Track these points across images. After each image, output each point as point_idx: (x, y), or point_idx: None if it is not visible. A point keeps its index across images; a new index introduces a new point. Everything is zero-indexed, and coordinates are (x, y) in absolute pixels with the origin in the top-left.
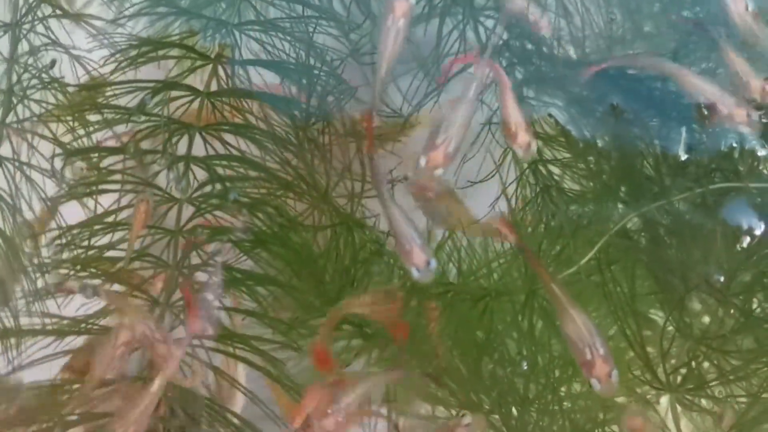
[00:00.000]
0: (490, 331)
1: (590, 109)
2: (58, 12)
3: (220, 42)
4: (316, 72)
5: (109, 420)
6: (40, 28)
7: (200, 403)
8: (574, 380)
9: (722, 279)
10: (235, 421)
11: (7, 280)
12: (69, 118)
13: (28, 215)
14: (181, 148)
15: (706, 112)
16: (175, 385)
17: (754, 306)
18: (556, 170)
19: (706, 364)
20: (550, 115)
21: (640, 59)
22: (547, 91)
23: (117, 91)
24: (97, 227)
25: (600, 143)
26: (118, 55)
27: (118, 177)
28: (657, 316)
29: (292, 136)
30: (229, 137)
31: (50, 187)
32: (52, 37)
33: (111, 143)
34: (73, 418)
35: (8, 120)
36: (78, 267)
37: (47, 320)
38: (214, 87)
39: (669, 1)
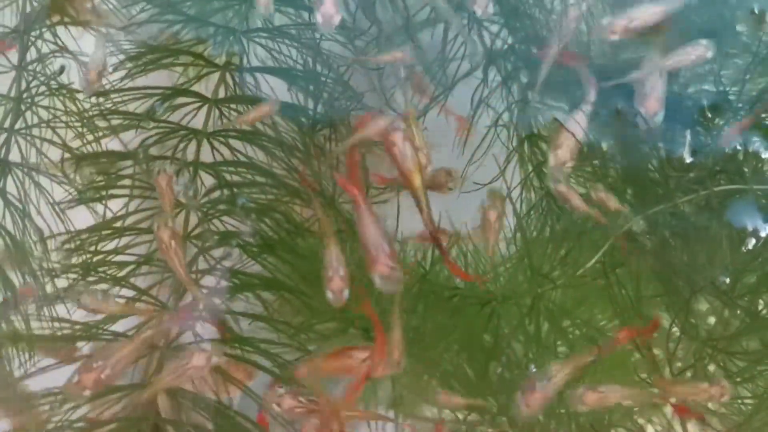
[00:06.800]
0: (497, 335)
1: (595, 112)
2: (67, 19)
3: (229, 49)
4: (322, 78)
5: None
6: (48, 35)
7: (208, 406)
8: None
9: (728, 281)
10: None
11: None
12: (78, 124)
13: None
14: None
15: None
16: (184, 390)
17: (760, 307)
18: None
19: (712, 366)
20: (555, 119)
21: None
22: (552, 94)
23: (126, 98)
24: (105, 232)
25: (605, 146)
26: (127, 63)
27: (126, 182)
28: (663, 318)
29: (299, 143)
30: (236, 143)
31: (59, 193)
32: (60, 43)
33: None
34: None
35: (17, 126)
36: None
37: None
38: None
39: None
